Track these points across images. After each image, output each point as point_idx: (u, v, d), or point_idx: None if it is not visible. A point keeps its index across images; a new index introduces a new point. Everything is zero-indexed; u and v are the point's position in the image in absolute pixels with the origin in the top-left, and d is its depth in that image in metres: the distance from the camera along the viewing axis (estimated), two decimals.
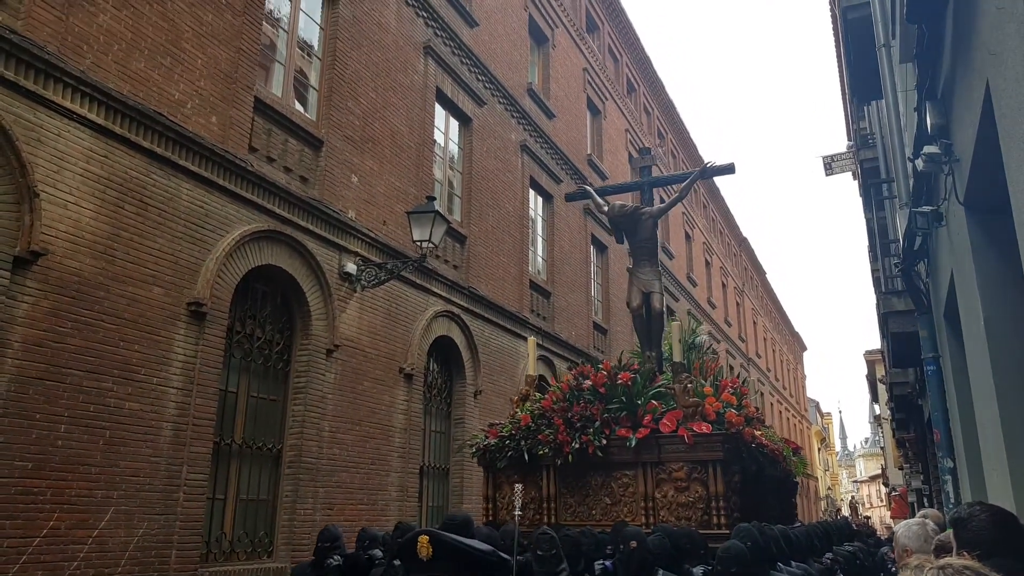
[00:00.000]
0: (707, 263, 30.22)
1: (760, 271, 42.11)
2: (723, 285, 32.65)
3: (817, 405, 71.32)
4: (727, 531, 5.71)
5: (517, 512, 5.30)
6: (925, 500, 20.99)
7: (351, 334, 9.45)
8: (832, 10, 15.57)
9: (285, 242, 8.52)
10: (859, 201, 21.05)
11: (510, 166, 14.41)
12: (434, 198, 10.00)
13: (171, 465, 6.85)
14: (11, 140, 5.76)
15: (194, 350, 7.23)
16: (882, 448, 51.65)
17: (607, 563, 5.33)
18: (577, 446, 6.71)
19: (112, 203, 6.58)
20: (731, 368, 30.38)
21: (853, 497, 72.61)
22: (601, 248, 18.68)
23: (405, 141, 11.10)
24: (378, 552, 6.00)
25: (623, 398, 6.89)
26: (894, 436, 27.87)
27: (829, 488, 68.04)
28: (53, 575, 5.78)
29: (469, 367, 12.10)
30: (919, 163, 4.51)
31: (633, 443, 6.50)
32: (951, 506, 7.07)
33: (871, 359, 39.31)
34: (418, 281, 10.90)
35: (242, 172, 7.95)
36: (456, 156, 12.99)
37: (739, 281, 36.41)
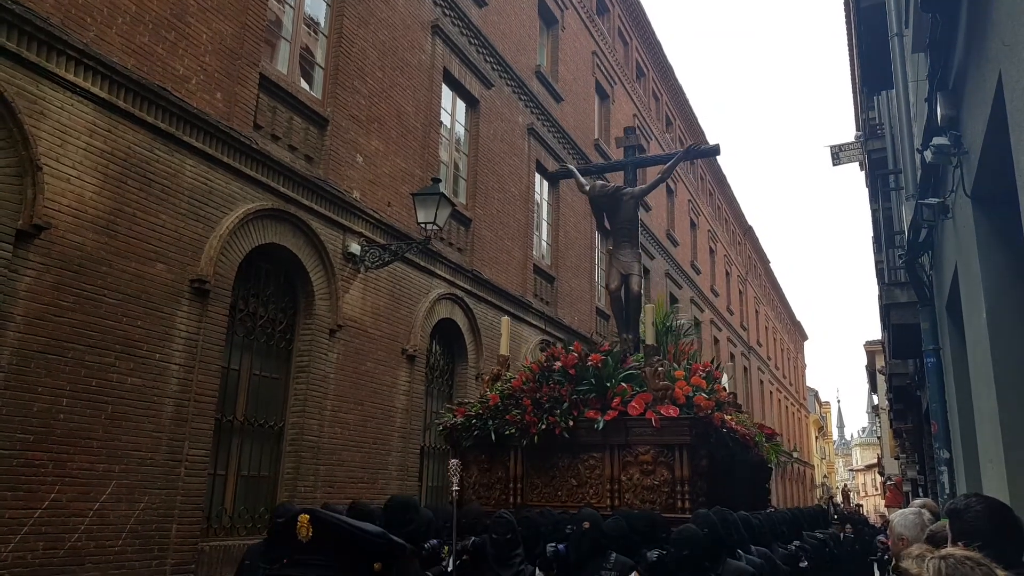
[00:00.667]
0: (711, 251, 30.17)
1: (764, 260, 42.03)
2: (727, 273, 32.61)
3: (816, 394, 71.43)
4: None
5: (454, 489, 5.17)
6: (920, 490, 21.08)
7: (354, 314, 9.45)
8: None
9: (289, 221, 8.51)
10: (865, 192, 20.97)
11: (516, 149, 14.35)
12: (439, 180, 9.96)
13: (173, 440, 6.88)
14: (14, 112, 5.74)
15: (197, 327, 7.24)
16: (879, 438, 51.79)
17: (559, 546, 5.26)
18: (544, 427, 6.63)
19: (115, 178, 6.56)
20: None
21: (846, 485, 72.86)
22: (607, 234, 18.62)
23: (411, 122, 11.05)
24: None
25: (592, 380, 6.80)
26: (891, 426, 27.96)
27: (825, 476, 68.25)
28: (54, 546, 5.82)
29: (471, 350, 12.11)
30: (928, 154, 4.47)
31: (601, 425, 6.43)
32: (946, 497, 7.09)
33: (871, 350, 39.31)
34: (422, 263, 10.88)
35: (247, 150, 7.92)
36: (462, 138, 12.94)
37: (742, 269, 36.35)
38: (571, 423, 6.57)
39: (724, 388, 7.72)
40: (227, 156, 7.70)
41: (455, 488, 5.16)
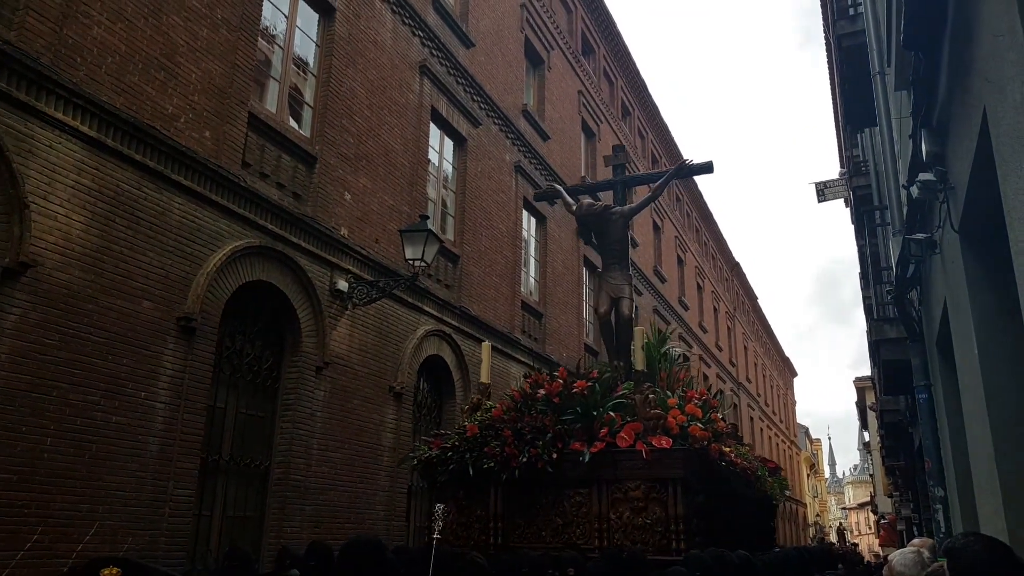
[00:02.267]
0: (699, 287, 30.28)
1: (752, 296, 42.22)
2: (715, 309, 32.70)
3: (807, 431, 71.31)
4: None
5: (436, 536, 4.61)
6: (915, 528, 20.94)
7: (341, 352, 9.38)
8: (827, 37, 15.75)
9: (277, 258, 8.48)
10: (851, 228, 21.18)
11: (504, 186, 14.43)
12: (427, 217, 9.98)
13: (157, 480, 6.75)
14: (2, 151, 5.72)
15: (183, 365, 7.15)
16: (871, 475, 51.63)
17: None
18: (525, 460, 6.08)
19: (103, 216, 6.53)
20: (719, 390, 30.36)
21: (841, 523, 72.46)
22: (594, 269, 18.68)
23: (399, 159, 11.11)
24: (295, 572, 5.53)
25: (578, 409, 6.31)
26: (884, 464, 27.88)
27: (818, 515, 67.86)
28: None
29: (459, 387, 12.03)
30: (914, 190, 4.52)
31: (587, 458, 5.91)
32: (942, 535, 7.03)
33: (861, 386, 39.38)
34: (410, 300, 10.85)
35: (235, 187, 7.91)
36: (450, 175, 13.00)
37: (731, 306, 36.48)
38: (554, 456, 6.07)
39: (722, 418, 7.23)
40: (215, 194, 7.69)
41: (436, 535, 4.80)
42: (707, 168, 8.41)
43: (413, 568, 4.29)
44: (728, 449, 6.65)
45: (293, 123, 9.35)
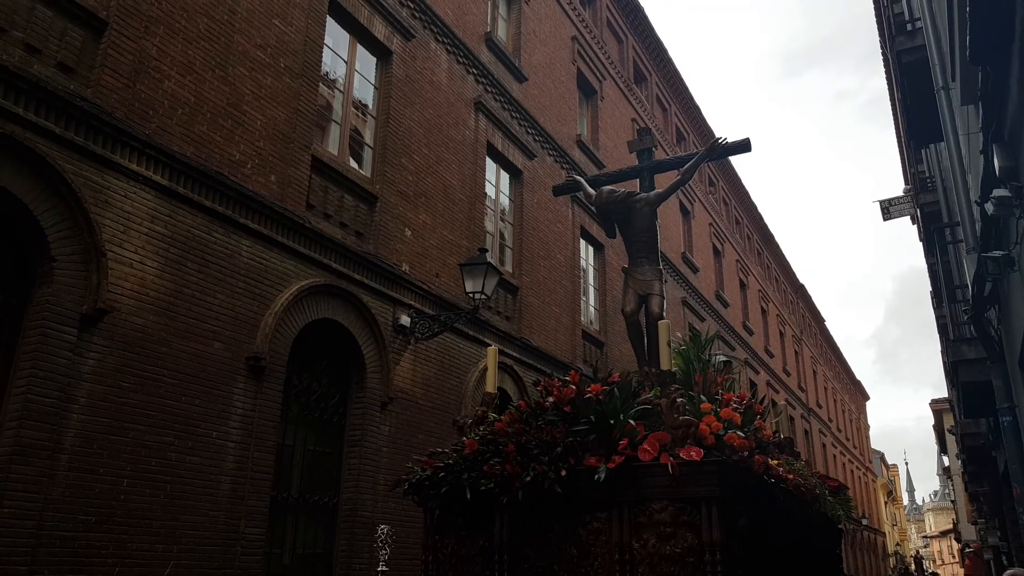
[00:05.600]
0: (763, 311, 29.68)
1: (819, 318, 41.17)
2: (780, 333, 31.98)
3: (882, 456, 68.79)
4: None
5: (381, 569, 3.80)
6: (1004, 558, 19.92)
7: (405, 386, 9.46)
8: (884, 54, 15.45)
9: (341, 296, 8.63)
10: (919, 246, 20.54)
11: (561, 217, 14.45)
12: (486, 250, 10.05)
13: (229, 519, 6.88)
14: (80, 202, 6.00)
15: (253, 404, 7.31)
16: (953, 502, 49.35)
17: None
18: (529, 479, 5.08)
19: (175, 261, 6.77)
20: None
21: (918, 552, 69.36)
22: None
23: (457, 195, 11.24)
24: None
25: (593, 417, 5.32)
26: (966, 489, 26.67)
27: (898, 544, 65.14)
28: None
29: None
30: (989, 206, 4.36)
31: (602, 475, 4.89)
32: None
33: (938, 408, 37.89)
34: (471, 332, 10.90)
35: (300, 228, 8.12)
36: (507, 208, 13.10)
37: (797, 329, 35.63)
38: (563, 473, 5.07)
39: (768, 428, 6.07)
40: (281, 235, 7.90)
41: (382, 567, 3.95)
42: (744, 146, 7.43)
43: None
44: (775, 462, 5.51)
45: (354, 164, 9.57)
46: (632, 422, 5.15)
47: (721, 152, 7.34)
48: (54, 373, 5.69)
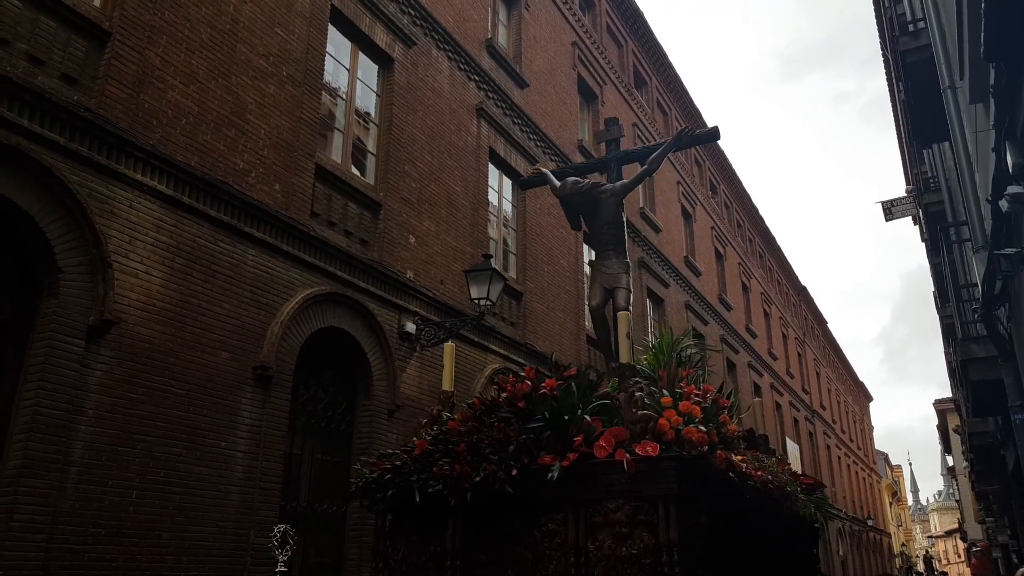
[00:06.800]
0: (766, 314, 29.64)
1: (821, 320, 41.12)
2: (783, 336, 31.92)
3: (886, 457, 68.62)
4: None
5: (280, 570, 3.48)
6: (1013, 556, 19.85)
7: (411, 393, 9.42)
8: (885, 55, 15.44)
9: (346, 304, 8.60)
10: (922, 246, 20.50)
11: (563, 222, 14.36)
12: (490, 256, 10.03)
13: (238, 529, 6.84)
14: (86, 213, 5.97)
15: (260, 413, 7.27)
16: (958, 501, 49.26)
17: None
18: (479, 479, 4.84)
19: (181, 271, 6.74)
20: (795, 421, 29.51)
21: (928, 551, 69.14)
22: (658, 302, 18.49)
23: (460, 201, 11.22)
24: None
25: (547, 413, 5.06)
26: (973, 489, 26.61)
27: (903, 544, 64.93)
28: None
29: None
30: (1003, 204, 4.34)
31: (556, 474, 4.65)
32: None
33: (942, 408, 37.85)
34: (476, 339, 10.87)
35: (305, 237, 8.09)
36: (510, 214, 13.07)
37: (800, 331, 35.58)
38: (514, 472, 4.82)
39: (734, 423, 5.75)
40: (286, 244, 7.88)
41: (280, 568, 3.60)
42: (713, 135, 7.30)
43: None
44: (739, 457, 5.30)
45: (357, 172, 9.55)
46: (589, 418, 4.88)
47: (688, 140, 7.20)
48: (62, 385, 5.66)
